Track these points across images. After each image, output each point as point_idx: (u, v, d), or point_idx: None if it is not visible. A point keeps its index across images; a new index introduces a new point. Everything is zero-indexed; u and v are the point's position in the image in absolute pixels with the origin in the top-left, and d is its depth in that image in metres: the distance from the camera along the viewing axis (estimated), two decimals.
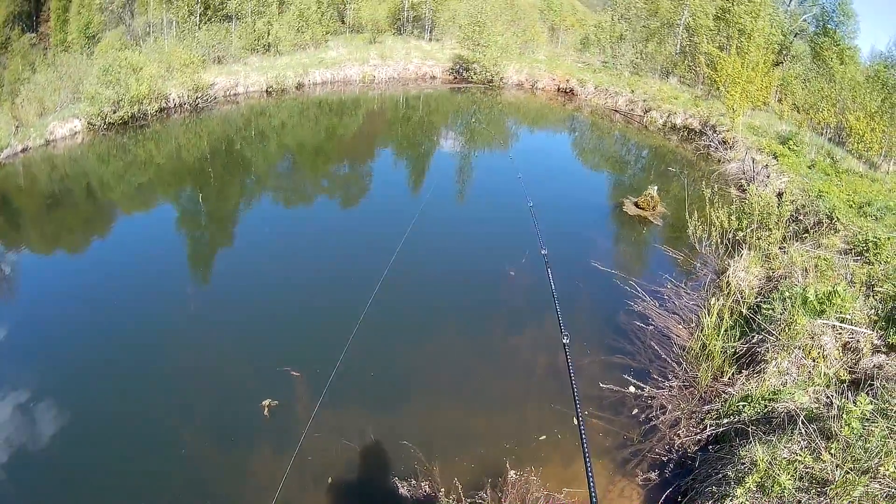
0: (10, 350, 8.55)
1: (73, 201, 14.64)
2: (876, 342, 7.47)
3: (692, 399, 7.36)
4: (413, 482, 6.28)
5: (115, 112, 18.45)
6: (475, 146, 20.46)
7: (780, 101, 21.34)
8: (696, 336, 8.19)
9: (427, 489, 6.20)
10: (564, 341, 5.58)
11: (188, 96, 21.36)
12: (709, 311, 8.29)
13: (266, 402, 7.40)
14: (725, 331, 8.00)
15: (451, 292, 10.10)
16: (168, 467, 6.68)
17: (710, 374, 7.55)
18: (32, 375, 8.03)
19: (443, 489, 6.09)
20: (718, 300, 8.41)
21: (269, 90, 24.32)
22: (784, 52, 26.91)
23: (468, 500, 5.90)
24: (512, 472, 6.18)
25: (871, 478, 5.00)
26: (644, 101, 21.53)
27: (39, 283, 10.68)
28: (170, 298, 9.89)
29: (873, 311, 8.03)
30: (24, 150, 16.10)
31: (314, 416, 7.04)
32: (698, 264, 10.33)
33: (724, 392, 7.25)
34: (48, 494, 6.34)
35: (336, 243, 12.08)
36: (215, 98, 22.66)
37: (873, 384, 6.53)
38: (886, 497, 4.88)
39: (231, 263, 11.67)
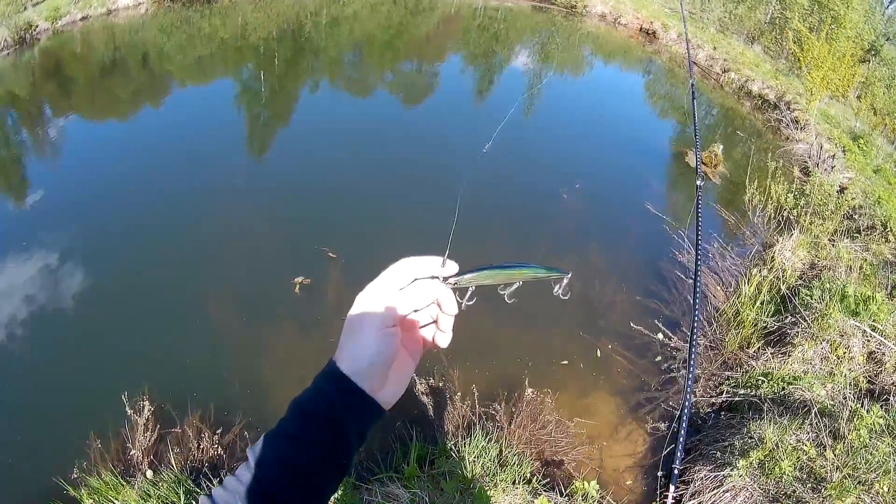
0: (53, 211, 8.61)
1: (130, 70, 14.42)
2: None
3: (715, 361, 7.20)
4: (431, 381, 6.29)
5: None
6: (552, 67, 20.12)
7: (858, 97, 20.72)
8: (731, 301, 7.98)
9: (444, 391, 6.18)
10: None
11: None
12: (749, 280, 8.12)
13: (298, 280, 7.42)
14: (761, 304, 7.81)
15: (504, 205, 9.95)
16: (192, 331, 6.80)
17: (737, 342, 7.36)
18: (71, 236, 8.16)
19: (459, 393, 6.05)
20: (761, 272, 8.21)
21: None
22: (873, 52, 26.11)
23: (482, 409, 5.84)
24: (529, 391, 6.11)
25: (864, 490, 4.92)
26: (724, 60, 20.91)
27: (88, 147, 10.69)
28: (219, 171, 10.00)
29: None
30: (83, 19, 15.48)
31: (342, 299, 7.01)
32: (747, 232, 10.03)
33: (747, 363, 7.11)
34: (70, 354, 6.45)
35: (392, 139, 11.98)
36: None
37: (889, 400, 6.42)
38: None
39: (286, 145, 11.76)
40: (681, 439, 3.15)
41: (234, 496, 0.99)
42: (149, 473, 5.11)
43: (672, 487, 3.16)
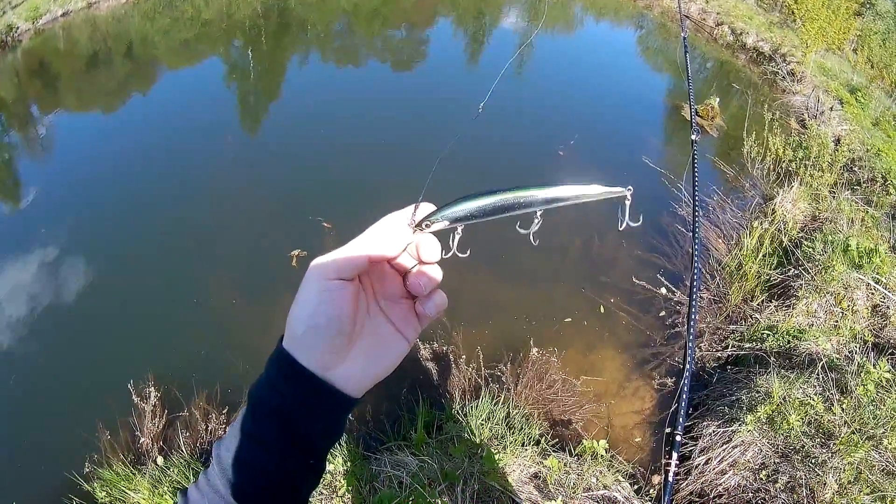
0: (48, 206, 8.71)
1: (116, 61, 14.28)
2: None
3: (719, 315, 7.13)
4: (435, 346, 6.22)
5: None
6: (542, 25, 19.96)
7: (854, 51, 20.53)
8: (734, 254, 7.89)
9: (448, 355, 6.11)
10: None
11: None
12: (750, 232, 8.02)
13: (295, 252, 7.37)
14: (763, 256, 7.73)
15: (498, 164, 9.82)
16: (192, 313, 6.83)
17: (740, 296, 7.28)
18: (68, 228, 8.24)
19: (463, 356, 5.95)
20: (762, 224, 8.12)
21: None
22: (867, 6, 25.87)
23: (487, 371, 5.80)
24: (534, 350, 6.04)
25: (873, 446, 4.85)
26: (717, 13, 20.67)
27: (80, 140, 10.67)
28: (212, 151, 9.99)
29: None
30: (64, 15, 15.19)
31: None
32: (747, 184, 9.90)
33: (751, 316, 7.03)
34: (72, 347, 6.49)
35: (384, 108, 11.82)
36: None
37: (894, 354, 6.36)
38: (884, 471, 4.74)
39: (277, 119, 11.77)
40: (681, 414, 3.03)
41: (205, 499, 0.86)
42: (159, 460, 5.10)
43: (675, 455, 3.01)
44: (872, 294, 7.30)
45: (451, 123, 9.93)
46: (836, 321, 6.94)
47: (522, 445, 5.11)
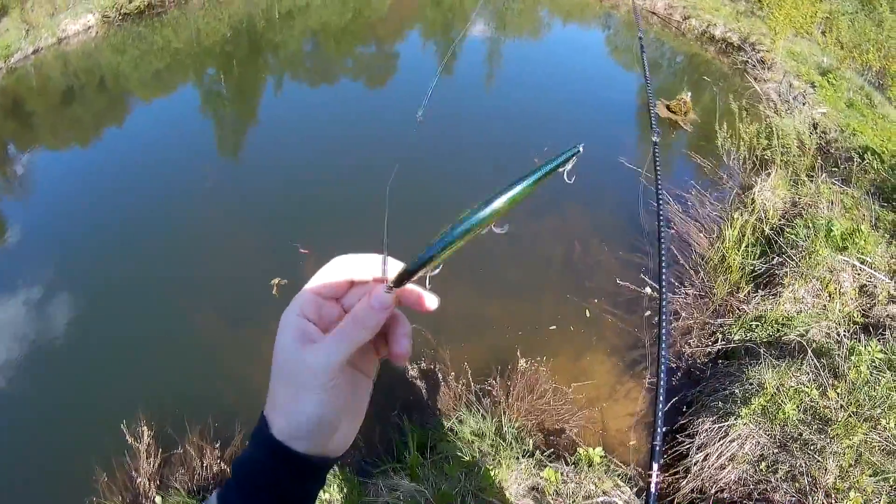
0: (29, 246, 8.58)
1: (89, 94, 14.19)
2: (893, 292, 7.22)
3: (706, 310, 7.11)
4: (423, 364, 6.19)
5: (130, 2, 17.20)
6: (507, 33, 20.03)
7: (823, 33, 20.60)
8: (716, 247, 7.88)
9: (436, 373, 6.10)
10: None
11: None
12: (731, 224, 8.01)
13: (275, 281, 7.33)
14: (746, 247, 7.73)
15: (474, 174, 9.73)
16: (178, 347, 6.80)
17: (726, 288, 7.28)
18: (49, 268, 8.13)
19: (452, 373, 5.96)
20: (742, 215, 8.10)
21: None
22: None
23: (477, 386, 5.79)
24: (522, 361, 6.02)
25: (871, 427, 4.85)
26: (684, 7, 20.74)
27: (58, 177, 10.57)
28: (190, 182, 9.88)
29: (894, 259, 7.78)
30: (35, 52, 14.99)
31: None
32: (724, 176, 9.89)
33: (738, 308, 7.04)
34: (62, 391, 6.38)
35: (357, 126, 11.82)
36: None
37: (885, 334, 6.35)
38: (883, 451, 4.73)
39: (251, 145, 11.65)
40: (659, 417, 3.01)
41: None
42: (157, 500, 5.11)
43: (655, 466, 2.99)
44: (858, 275, 7.31)
45: (427, 142, 9.93)
46: (824, 305, 6.93)
47: (518, 459, 5.09)
